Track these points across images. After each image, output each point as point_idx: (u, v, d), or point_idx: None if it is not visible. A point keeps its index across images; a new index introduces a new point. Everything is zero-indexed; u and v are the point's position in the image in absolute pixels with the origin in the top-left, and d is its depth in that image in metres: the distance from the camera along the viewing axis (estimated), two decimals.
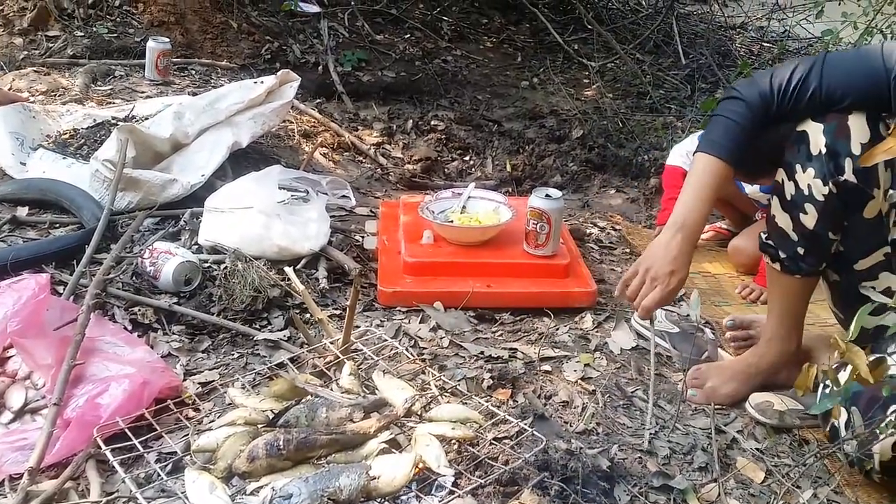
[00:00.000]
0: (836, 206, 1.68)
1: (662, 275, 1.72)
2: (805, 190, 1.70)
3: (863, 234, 1.72)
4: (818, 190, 1.68)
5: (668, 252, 1.72)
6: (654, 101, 4.66)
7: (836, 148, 1.64)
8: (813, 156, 1.67)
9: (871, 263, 1.73)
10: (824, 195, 1.68)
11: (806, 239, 1.75)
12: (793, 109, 1.70)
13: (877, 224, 1.69)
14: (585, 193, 3.53)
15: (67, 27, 3.97)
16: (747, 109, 1.71)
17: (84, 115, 2.98)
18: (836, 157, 1.64)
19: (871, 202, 1.67)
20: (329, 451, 1.41)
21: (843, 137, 1.64)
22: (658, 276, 1.72)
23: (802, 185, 1.70)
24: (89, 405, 1.58)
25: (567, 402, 1.81)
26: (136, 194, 2.41)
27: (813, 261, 1.78)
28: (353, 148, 3.51)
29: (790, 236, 1.77)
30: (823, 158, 1.66)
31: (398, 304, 2.19)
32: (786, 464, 1.71)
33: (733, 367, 1.95)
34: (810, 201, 1.70)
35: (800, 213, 1.73)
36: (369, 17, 5.23)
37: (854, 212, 1.69)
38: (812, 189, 1.69)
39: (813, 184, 1.68)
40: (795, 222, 1.75)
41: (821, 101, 1.67)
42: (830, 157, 1.65)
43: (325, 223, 2.36)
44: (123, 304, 2.02)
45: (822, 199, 1.68)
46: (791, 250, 1.78)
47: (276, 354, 1.92)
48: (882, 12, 4.28)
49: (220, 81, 3.70)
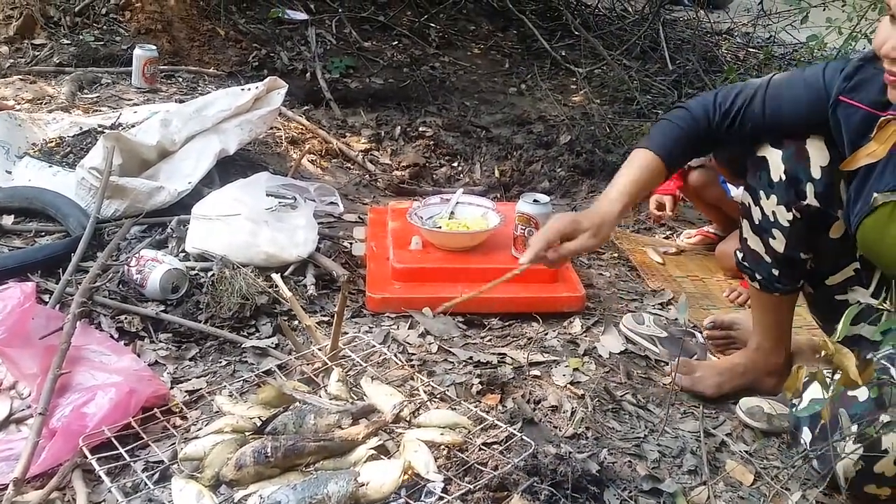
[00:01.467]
0: (802, 230, 1.72)
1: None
2: (770, 216, 1.74)
3: (831, 252, 1.75)
4: (783, 216, 1.72)
5: (601, 222, 1.73)
6: (641, 106, 4.67)
7: (796, 174, 1.67)
8: (774, 182, 1.71)
9: (842, 279, 1.77)
10: (789, 221, 1.72)
11: (779, 262, 1.79)
12: (737, 131, 1.73)
13: (844, 242, 1.71)
14: (573, 199, 3.53)
15: (54, 35, 3.97)
16: (689, 116, 1.76)
17: (70, 123, 2.97)
18: (797, 183, 1.67)
19: (835, 223, 1.70)
20: (317, 458, 1.41)
21: (802, 162, 1.67)
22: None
23: (767, 212, 1.75)
24: (75, 414, 1.57)
25: (556, 407, 1.80)
26: (122, 202, 2.40)
27: (788, 280, 1.82)
28: (341, 154, 3.50)
29: (764, 258, 1.81)
30: (784, 185, 1.69)
31: (387, 310, 2.18)
32: (775, 466, 1.71)
33: (721, 364, 1.98)
34: (776, 227, 1.74)
35: (769, 237, 1.77)
36: (357, 24, 5.24)
37: (820, 233, 1.73)
38: (777, 215, 1.73)
39: (777, 210, 1.73)
40: (766, 246, 1.79)
41: (765, 125, 1.71)
42: (791, 183, 1.68)
43: (313, 230, 2.35)
44: (110, 312, 2.01)
45: (787, 224, 1.73)
46: (766, 272, 1.82)
47: (263, 362, 1.91)
48: (866, 17, 4.31)
49: (207, 89, 3.70)
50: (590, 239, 1.71)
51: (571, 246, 1.71)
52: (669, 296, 2.43)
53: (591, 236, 1.71)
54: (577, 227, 1.71)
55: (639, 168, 1.76)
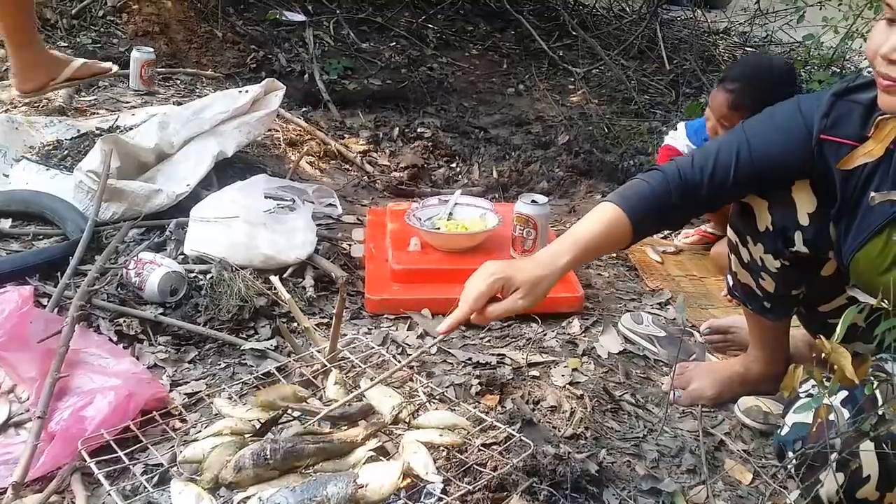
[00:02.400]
0: (792, 274, 1.70)
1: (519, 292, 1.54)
2: (758, 261, 1.72)
3: (823, 287, 1.73)
4: (770, 263, 1.70)
5: (537, 280, 1.54)
6: (638, 106, 4.68)
7: (784, 223, 1.63)
8: (760, 231, 1.67)
9: (834, 306, 1.75)
10: (777, 268, 1.70)
11: (769, 298, 1.77)
12: (717, 188, 1.61)
13: (835, 278, 1.68)
14: (572, 199, 3.52)
15: (51, 38, 3.95)
16: (662, 177, 1.62)
17: (68, 126, 2.96)
18: (785, 231, 1.63)
19: (827, 263, 1.68)
20: (316, 460, 1.40)
21: (789, 212, 1.62)
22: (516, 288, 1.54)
23: (755, 257, 1.72)
24: (74, 418, 1.57)
25: (555, 407, 1.80)
26: (120, 205, 2.40)
27: (781, 312, 1.82)
28: (339, 156, 3.50)
29: (755, 292, 1.79)
30: (771, 235, 1.66)
31: (385, 311, 2.18)
32: (773, 465, 1.71)
33: (720, 372, 1.96)
34: (765, 271, 1.72)
35: (758, 277, 1.75)
36: (354, 25, 5.24)
37: (811, 274, 1.70)
38: (764, 262, 1.71)
39: (764, 258, 1.70)
40: (756, 283, 1.77)
41: (751, 176, 1.60)
42: (778, 234, 1.64)
43: (312, 232, 2.35)
44: (108, 315, 2.01)
45: (775, 270, 1.70)
46: (757, 305, 1.81)
47: (262, 364, 1.91)
48: (862, 17, 4.31)
49: (205, 91, 3.69)
50: (519, 301, 1.52)
51: (497, 310, 1.53)
52: (668, 295, 2.43)
53: (521, 297, 1.52)
54: (507, 284, 1.52)
55: (600, 223, 1.60)
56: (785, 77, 2.45)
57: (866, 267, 1.51)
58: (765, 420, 1.81)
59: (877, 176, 1.47)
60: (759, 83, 2.36)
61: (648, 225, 1.64)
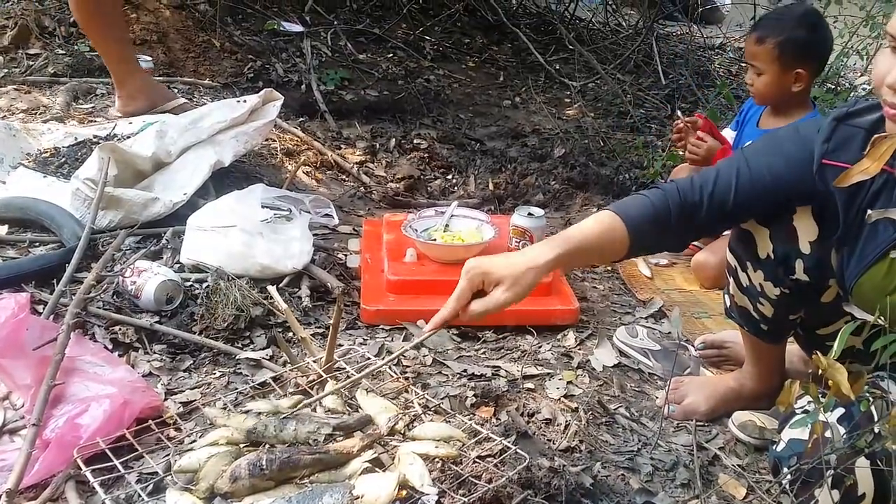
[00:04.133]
0: (791, 300, 1.68)
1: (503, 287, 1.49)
2: (757, 287, 1.70)
3: (823, 313, 1.71)
4: (770, 291, 1.69)
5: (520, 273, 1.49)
6: (634, 120, 4.69)
7: (785, 252, 1.62)
8: (761, 259, 1.66)
9: (833, 330, 1.72)
10: (776, 295, 1.68)
11: (767, 322, 1.76)
12: (717, 210, 1.59)
13: (835, 304, 1.67)
14: (567, 212, 3.54)
15: (48, 45, 3.97)
16: (662, 195, 1.60)
17: (65, 134, 2.97)
18: (787, 260, 1.62)
19: (827, 290, 1.66)
20: (312, 471, 1.40)
21: (790, 241, 1.61)
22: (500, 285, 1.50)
23: (754, 283, 1.71)
24: (69, 426, 1.56)
25: (550, 420, 1.80)
26: (117, 213, 2.40)
27: (777, 335, 1.82)
28: (336, 166, 3.51)
29: (752, 315, 1.78)
30: (772, 263, 1.65)
31: (381, 322, 2.18)
32: (767, 480, 1.71)
33: (714, 387, 1.96)
34: (763, 297, 1.71)
35: (756, 302, 1.74)
36: (352, 36, 5.25)
37: (811, 301, 1.69)
38: (764, 288, 1.69)
39: (764, 285, 1.69)
40: (754, 307, 1.76)
41: (748, 200, 1.59)
42: (779, 262, 1.63)
43: (308, 242, 2.35)
44: (104, 323, 2.01)
45: (775, 297, 1.69)
46: (754, 328, 1.80)
47: (258, 373, 1.91)
48: (857, 34, 4.35)
49: (202, 100, 3.69)
50: (504, 293, 1.47)
51: (478, 307, 1.49)
52: (660, 304, 2.44)
53: (504, 290, 1.47)
54: (487, 279, 1.48)
55: (596, 226, 1.57)
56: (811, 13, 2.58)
57: (871, 290, 1.49)
58: (759, 435, 1.81)
59: (879, 201, 1.47)
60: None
61: (646, 240, 1.60)
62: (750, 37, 2.55)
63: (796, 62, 2.44)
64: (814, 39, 2.48)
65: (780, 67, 2.45)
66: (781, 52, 2.44)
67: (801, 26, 2.46)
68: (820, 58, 2.54)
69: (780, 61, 2.45)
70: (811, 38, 2.47)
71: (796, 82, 2.47)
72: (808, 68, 2.46)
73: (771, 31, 2.46)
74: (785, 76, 2.47)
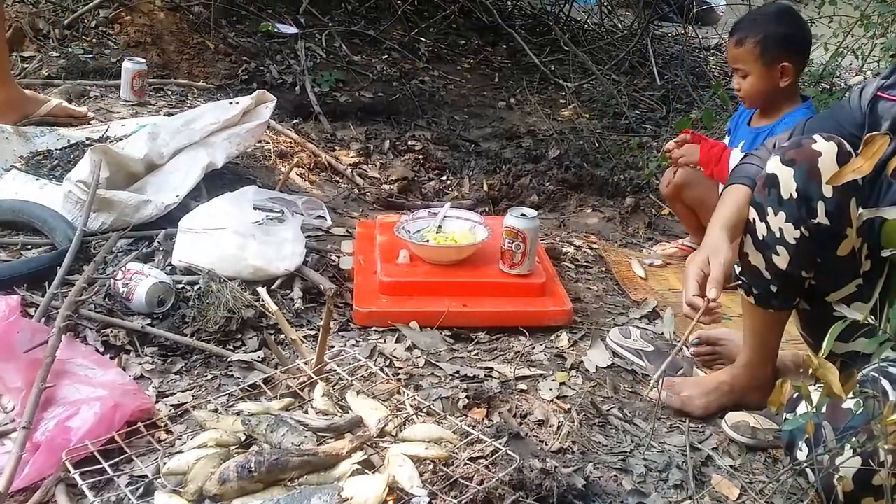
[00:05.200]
0: (808, 248, 1.70)
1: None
2: (777, 233, 1.71)
3: (836, 270, 1.73)
4: (790, 234, 1.69)
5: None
6: (629, 121, 4.71)
7: (808, 192, 1.64)
8: (784, 200, 1.68)
9: (843, 295, 1.74)
10: (796, 238, 1.69)
11: (778, 278, 1.76)
12: None
13: (850, 260, 1.70)
14: (562, 213, 3.54)
15: (42, 48, 3.96)
16: (766, 151, 1.83)
17: (58, 136, 2.96)
18: (808, 200, 1.65)
19: (844, 241, 1.68)
20: (301, 473, 1.40)
21: (813, 180, 1.64)
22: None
23: (774, 228, 1.72)
24: (59, 429, 1.56)
25: (542, 421, 1.80)
26: (109, 215, 2.39)
27: (786, 298, 1.81)
28: (329, 168, 3.50)
29: (763, 275, 1.78)
30: (795, 203, 1.67)
31: (374, 323, 2.18)
32: (760, 480, 1.71)
33: (707, 383, 1.97)
34: (782, 244, 1.72)
35: (772, 253, 1.74)
36: (347, 38, 5.26)
37: (827, 251, 1.70)
38: (784, 232, 1.70)
39: (784, 227, 1.70)
40: (768, 262, 1.76)
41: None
42: (802, 201, 1.66)
43: (301, 243, 2.35)
44: (95, 325, 2.00)
45: (793, 242, 1.70)
46: (763, 288, 1.80)
47: (249, 376, 1.90)
48: (852, 34, 4.35)
49: (196, 102, 3.69)
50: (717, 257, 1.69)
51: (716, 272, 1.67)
52: (654, 304, 2.44)
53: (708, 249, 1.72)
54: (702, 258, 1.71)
55: (741, 198, 1.78)
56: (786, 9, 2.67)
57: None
58: (752, 435, 1.81)
59: None
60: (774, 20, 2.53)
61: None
62: (729, 42, 2.58)
63: (779, 56, 2.47)
64: (793, 32, 2.52)
65: (764, 65, 2.48)
66: (763, 49, 2.46)
67: (778, 21, 2.51)
68: (802, 49, 2.57)
69: (764, 58, 2.47)
70: (790, 31, 2.51)
71: (783, 77, 2.49)
72: (792, 61, 2.49)
73: (749, 32, 2.49)
74: (771, 72, 2.49)
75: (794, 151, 1.67)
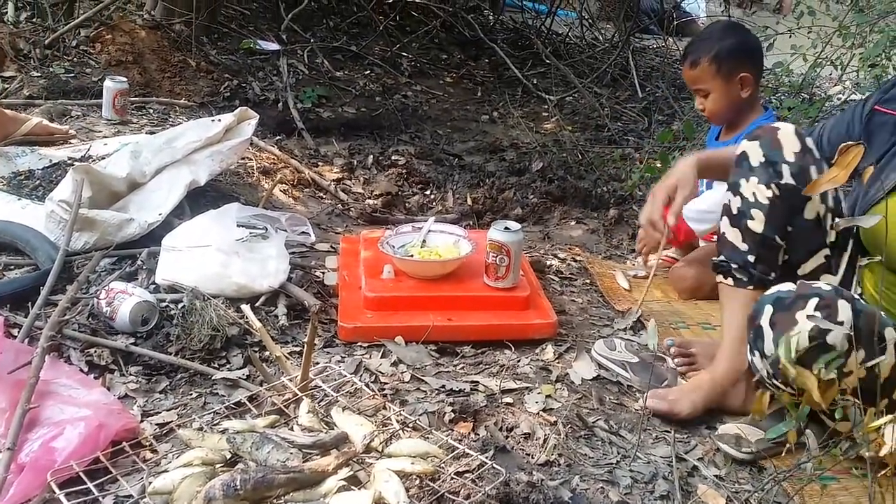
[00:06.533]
0: (780, 209, 1.87)
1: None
2: (750, 197, 1.89)
3: (805, 236, 1.89)
4: (762, 194, 1.88)
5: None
6: (612, 133, 4.73)
7: (773, 157, 1.87)
8: (754, 167, 1.89)
9: (813, 266, 1.91)
10: (768, 198, 1.87)
11: (756, 244, 1.91)
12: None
13: (816, 226, 1.89)
14: (546, 225, 3.55)
15: (23, 68, 3.95)
16: None
17: (40, 156, 2.96)
18: (775, 164, 1.87)
19: (809, 203, 1.87)
20: (287, 490, 1.40)
21: (776, 148, 1.87)
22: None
23: (748, 195, 1.90)
24: (44, 449, 1.55)
25: (529, 434, 1.80)
26: (92, 234, 2.39)
27: (763, 268, 1.91)
28: (313, 184, 3.51)
29: (739, 248, 1.93)
30: (763, 166, 1.88)
31: (359, 339, 2.18)
32: (746, 490, 1.72)
33: (690, 383, 2.01)
34: (756, 207, 1.89)
35: (747, 220, 1.90)
36: (329, 53, 5.27)
37: (796, 214, 1.88)
38: (756, 195, 1.88)
39: (757, 190, 1.88)
40: (744, 231, 1.92)
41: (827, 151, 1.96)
42: (769, 164, 1.87)
43: (285, 260, 2.35)
44: (79, 345, 1.99)
45: (766, 202, 1.88)
46: (741, 259, 1.93)
47: (234, 393, 1.90)
48: (831, 44, 4.39)
49: (178, 120, 3.69)
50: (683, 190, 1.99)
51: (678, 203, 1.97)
52: (638, 312, 2.46)
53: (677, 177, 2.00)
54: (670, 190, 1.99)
55: (730, 147, 2.06)
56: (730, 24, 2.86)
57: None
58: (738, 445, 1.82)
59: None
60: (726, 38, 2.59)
61: None
62: (684, 67, 2.65)
63: (736, 68, 2.53)
64: (743, 41, 2.59)
65: (723, 79, 2.54)
66: (719, 64, 2.53)
67: (727, 36, 2.58)
68: (755, 57, 2.63)
69: (721, 73, 2.54)
70: (740, 42, 2.58)
71: (743, 87, 2.55)
72: (749, 70, 2.55)
73: (701, 51, 2.56)
74: (731, 86, 2.56)
75: (756, 131, 1.92)
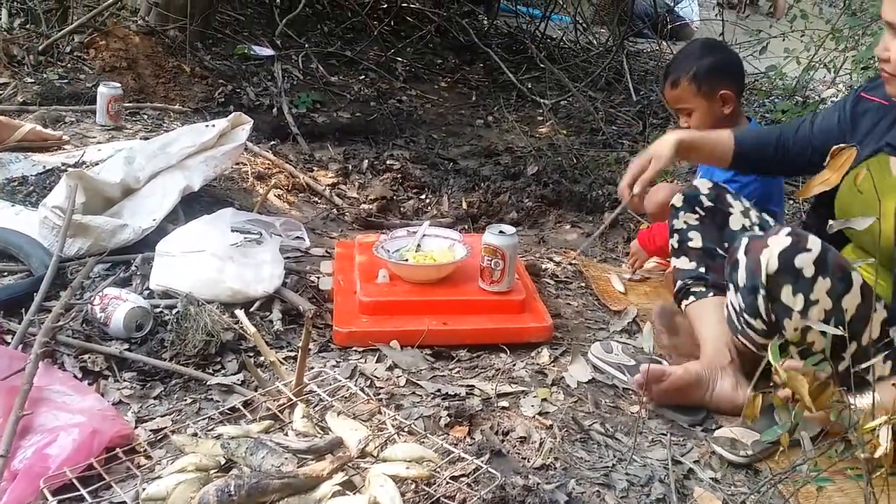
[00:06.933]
0: (709, 225, 2.19)
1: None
2: (683, 227, 2.22)
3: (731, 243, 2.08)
4: (691, 219, 2.21)
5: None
6: (606, 136, 4.73)
7: (692, 195, 2.21)
8: (679, 207, 2.23)
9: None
10: (696, 219, 2.21)
11: (701, 258, 2.20)
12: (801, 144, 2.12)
13: (742, 232, 2.12)
14: (541, 229, 3.55)
15: (17, 74, 3.94)
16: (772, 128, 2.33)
17: (33, 163, 2.95)
18: (696, 197, 2.20)
19: (731, 217, 2.19)
20: (282, 496, 1.39)
21: (694, 190, 2.21)
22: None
23: (681, 226, 2.23)
24: (37, 456, 1.54)
25: (524, 438, 1.80)
26: (86, 240, 2.38)
27: (715, 276, 2.15)
28: (307, 189, 3.50)
29: (688, 268, 2.22)
30: (687, 204, 2.22)
31: (354, 344, 2.17)
32: (742, 492, 1.72)
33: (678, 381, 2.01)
34: (691, 230, 2.22)
35: (687, 243, 2.22)
36: (323, 59, 5.27)
37: (724, 226, 2.18)
38: (688, 222, 2.22)
39: (687, 219, 2.22)
40: (688, 253, 2.22)
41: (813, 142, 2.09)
42: (691, 200, 2.21)
43: (279, 265, 2.34)
44: (73, 351, 1.99)
45: (696, 222, 2.21)
46: (693, 274, 2.20)
47: (229, 399, 1.89)
48: (824, 47, 4.41)
49: (172, 125, 3.69)
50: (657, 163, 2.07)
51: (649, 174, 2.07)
52: (634, 313, 2.46)
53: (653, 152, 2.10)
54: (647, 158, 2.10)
55: (715, 132, 2.21)
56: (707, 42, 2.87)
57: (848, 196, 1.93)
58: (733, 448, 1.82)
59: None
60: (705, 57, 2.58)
61: (748, 156, 2.16)
62: (665, 88, 2.63)
63: (717, 85, 2.50)
64: (722, 59, 2.57)
65: (704, 97, 2.51)
66: (700, 83, 2.50)
67: (705, 54, 2.55)
68: (735, 73, 2.60)
69: (702, 91, 2.51)
70: (719, 59, 2.55)
71: (724, 104, 2.52)
72: (729, 86, 2.52)
73: (681, 71, 2.54)
74: (713, 103, 2.53)
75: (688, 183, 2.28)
